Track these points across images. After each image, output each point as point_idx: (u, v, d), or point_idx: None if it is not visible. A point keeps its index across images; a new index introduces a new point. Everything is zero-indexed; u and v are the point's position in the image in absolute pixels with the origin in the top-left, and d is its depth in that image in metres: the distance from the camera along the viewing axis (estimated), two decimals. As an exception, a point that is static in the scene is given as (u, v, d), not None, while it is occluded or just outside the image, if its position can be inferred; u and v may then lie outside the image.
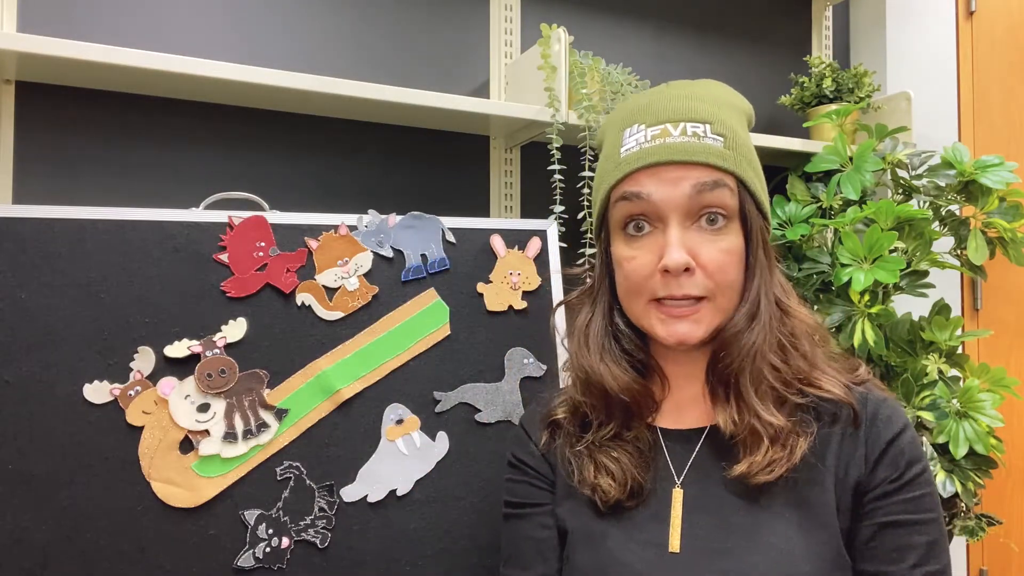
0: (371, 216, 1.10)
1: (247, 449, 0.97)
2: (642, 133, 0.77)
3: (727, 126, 0.77)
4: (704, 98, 0.79)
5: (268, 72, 1.18)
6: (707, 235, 0.74)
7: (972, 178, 1.42)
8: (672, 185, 0.74)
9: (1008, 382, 1.43)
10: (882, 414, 0.76)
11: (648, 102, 0.80)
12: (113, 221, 0.98)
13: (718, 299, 0.75)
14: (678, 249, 0.72)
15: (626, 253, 0.77)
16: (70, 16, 1.21)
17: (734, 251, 0.75)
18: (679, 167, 0.74)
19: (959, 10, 1.94)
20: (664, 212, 0.74)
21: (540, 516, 0.84)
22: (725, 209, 0.74)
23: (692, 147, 0.74)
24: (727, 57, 1.84)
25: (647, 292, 0.75)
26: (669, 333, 0.75)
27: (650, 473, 0.78)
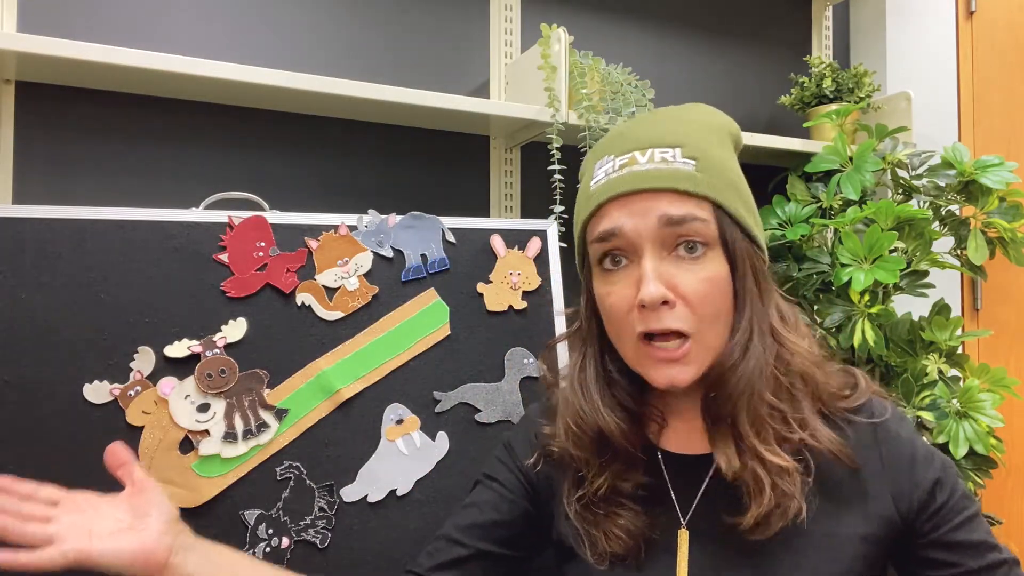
0: (371, 216, 1.10)
1: (247, 449, 0.97)
2: (610, 163, 0.74)
3: (700, 149, 0.72)
4: (679, 121, 0.76)
5: (268, 72, 1.18)
6: (685, 264, 0.70)
7: (972, 178, 1.42)
8: (641, 216, 0.70)
9: (1008, 382, 1.43)
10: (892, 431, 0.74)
11: (621, 131, 0.77)
12: (113, 221, 0.98)
13: (705, 335, 0.71)
14: (654, 282, 0.68)
15: (604, 289, 0.74)
16: (70, 16, 1.21)
17: (716, 280, 0.71)
18: (646, 196, 0.70)
19: (959, 10, 1.94)
20: (637, 244, 0.70)
21: (499, 497, 0.84)
22: (701, 236, 0.70)
23: (659, 173, 0.71)
24: (727, 57, 1.84)
25: (629, 328, 0.72)
26: (661, 376, 0.71)
27: (654, 512, 0.75)
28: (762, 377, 0.71)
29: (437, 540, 0.84)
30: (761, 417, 0.70)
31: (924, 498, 0.71)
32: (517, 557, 0.84)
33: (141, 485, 0.72)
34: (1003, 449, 1.39)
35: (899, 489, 0.72)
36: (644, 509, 0.75)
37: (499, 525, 0.82)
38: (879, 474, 0.73)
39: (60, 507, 0.68)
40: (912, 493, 0.71)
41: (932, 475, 0.72)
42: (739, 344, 0.71)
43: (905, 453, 0.73)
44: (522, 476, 0.85)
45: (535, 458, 0.83)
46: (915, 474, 0.72)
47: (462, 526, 0.82)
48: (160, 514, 0.70)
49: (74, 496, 0.70)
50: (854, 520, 0.71)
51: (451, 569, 0.81)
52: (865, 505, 0.72)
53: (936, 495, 0.71)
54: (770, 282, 0.76)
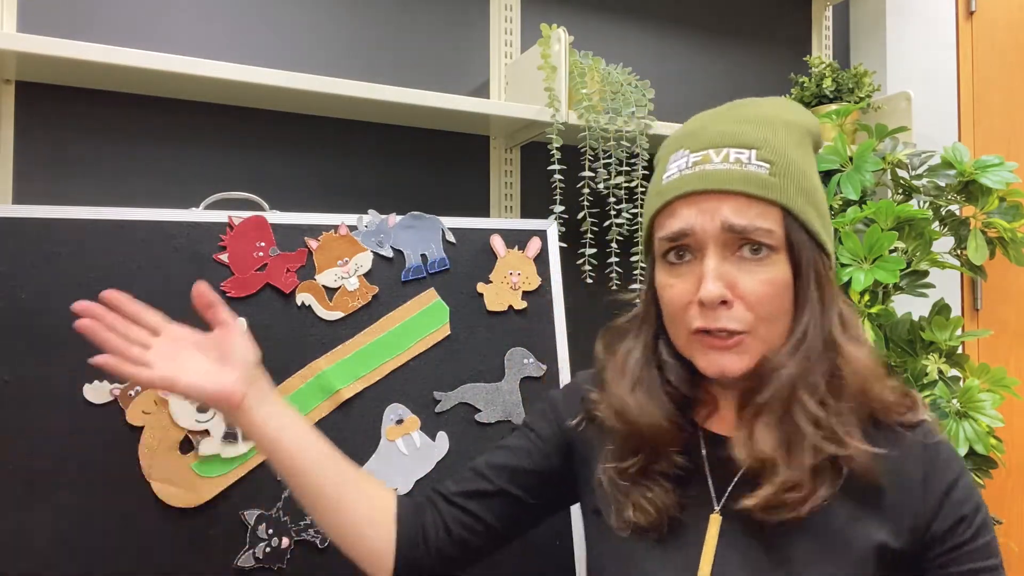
0: (371, 216, 1.10)
1: (247, 449, 0.97)
2: (684, 159, 0.74)
3: (777, 151, 0.72)
4: (757, 120, 0.74)
5: (268, 72, 1.18)
6: (748, 265, 0.70)
7: (972, 178, 1.42)
8: (708, 215, 0.70)
9: (1008, 382, 1.43)
10: (942, 457, 0.73)
11: (698, 126, 0.77)
12: (113, 221, 0.98)
13: (760, 331, 0.71)
14: (714, 281, 0.69)
15: (666, 281, 0.74)
16: (70, 16, 1.21)
17: (777, 282, 0.71)
18: (716, 196, 0.70)
19: (959, 10, 1.94)
20: (702, 242, 0.71)
21: (532, 446, 0.86)
22: (767, 240, 0.70)
23: (731, 175, 0.70)
24: (727, 57, 1.84)
25: (684, 323, 0.73)
26: (711, 364, 0.72)
27: (688, 494, 0.76)
28: (806, 382, 0.71)
29: (467, 470, 0.87)
30: (791, 420, 0.70)
31: (945, 529, 0.71)
32: (535, 505, 0.86)
33: (227, 328, 0.81)
34: (1003, 449, 1.39)
35: (926, 511, 0.71)
36: (677, 488, 0.76)
37: (527, 472, 0.85)
38: (914, 492, 0.72)
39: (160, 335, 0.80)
40: (935, 520, 0.71)
41: (961, 511, 0.71)
42: (790, 347, 0.72)
43: (946, 480, 0.72)
44: (560, 433, 0.87)
45: (578, 420, 0.85)
46: (946, 503, 0.71)
47: (493, 464, 0.86)
48: (240, 359, 0.80)
49: (172, 328, 0.81)
50: (877, 527, 0.71)
51: (473, 499, 0.84)
52: (892, 517, 0.71)
53: (957, 532, 0.71)
54: (834, 288, 0.75)
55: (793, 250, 0.71)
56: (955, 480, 0.72)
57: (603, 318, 0.88)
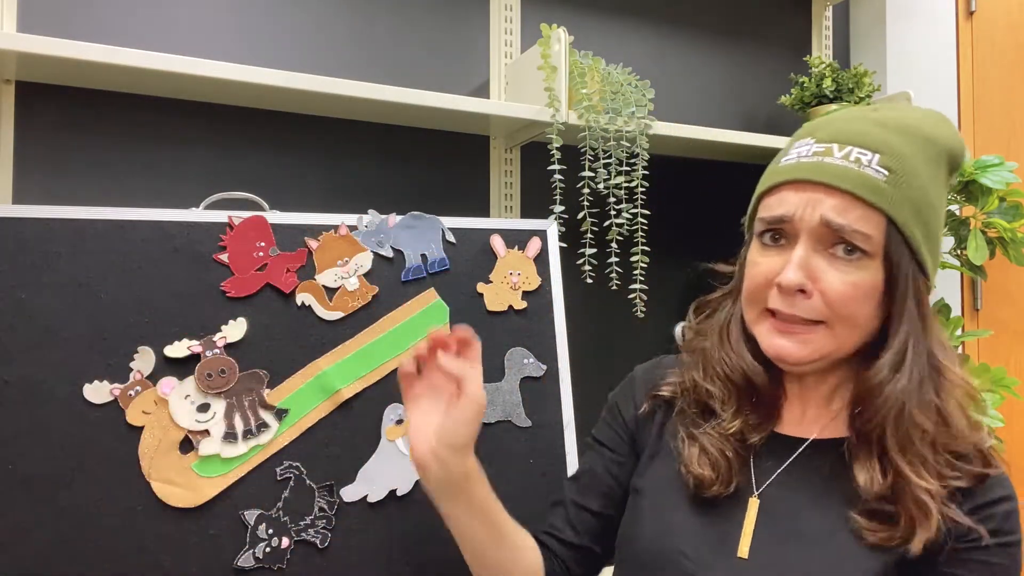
0: (371, 216, 1.10)
1: (247, 449, 0.97)
2: (807, 147, 0.74)
3: (901, 160, 0.71)
4: (894, 126, 0.73)
5: (268, 72, 1.18)
6: (838, 263, 0.71)
7: (972, 178, 1.42)
8: (810, 206, 0.71)
9: (1008, 382, 1.43)
10: (989, 482, 0.72)
11: (833, 118, 0.78)
12: (113, 221, 0.98)
13: (834, 327, 0.72)
14: (795, 269, 0.70)
15: (755, 259, 0.76)
16: (70, 16, 1.21)
17: (863, 286, 0.70)
18: (823, 189, 0.71)
19: (959, 10, 1.94)
20: (797, 230, 0.72)
21: (610, 461, 0.89)
22: (862, 244, 0.70)
23: (845, 173, 0.70)
24: (727, 57, 1.84)
25: (760, 301, 0.75)
26: (771, 345, 0.74)
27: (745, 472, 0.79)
28: (918, 402, 0.71)
29: (564, 507, 0.90)
30: (911, 439, 0.70)
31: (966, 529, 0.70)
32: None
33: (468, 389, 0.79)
34: (1003, 449, 1.38)
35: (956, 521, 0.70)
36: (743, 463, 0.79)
37: (617, 489, 0.89)
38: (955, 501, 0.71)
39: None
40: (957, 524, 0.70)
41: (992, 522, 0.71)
42: (890, 361, 0.71)
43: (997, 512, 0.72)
44: (626, 433, 0.90)
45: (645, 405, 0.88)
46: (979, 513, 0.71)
47: (586, 492, 0.90)
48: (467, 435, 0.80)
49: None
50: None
51: (586, 536, 0.88)
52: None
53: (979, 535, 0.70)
54: (932, 311, 0.75)
55: (890, 260, 0.71)
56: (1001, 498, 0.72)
57: (603, 318, 0.88)
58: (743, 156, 1.70)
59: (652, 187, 1.43)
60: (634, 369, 0.95)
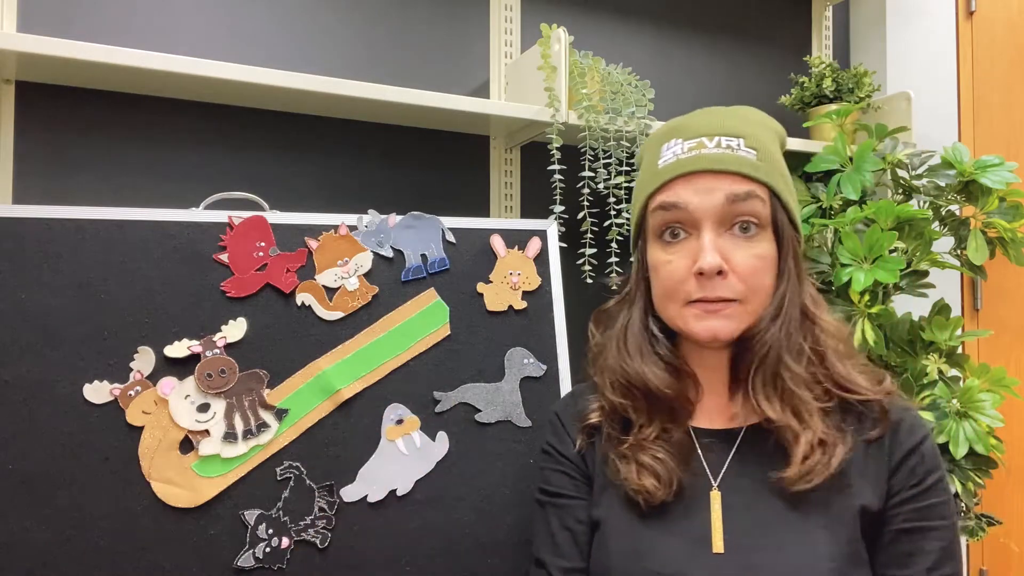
0: (371, 216, 1.10)
1: (247, 449, 0.97)
2: (679, 146, 0.81)
3: (760, 142, 0.80)
4: (739, 117, 0.83)
5: (268, 72, 1.18)
6: (740, 241, 0.77)
7: (972, 178, 1.42)
8: (707, 193, 0.77)
9: (1008, 382, 1.43)
10: (905, 423, 0.79)
11: (685, 121, 0.84)
12: (113, 221, 0.98)
13: (750, 301, 0.78)
14: (712, 252, 0.76)
15: (662, 258, 0.80)
16: (70, 16, 1.21)
17: (766, 257, 0.78)
18: (713, 176, 0.78)
19: (959, 10, 1.94)
20: (699, 219, 0.77)
21: (576, 509, 0.86)
22: (757, 218, 0.78)
23: (726, 158, 0.78)
24: (727, 57, 1.84)
25: (682, 295, 0.78)
26: (704, 328, 0.78)
27: (689, 471, 0.80)
28: (787, 346, 0.78)
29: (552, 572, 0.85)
30: (780, 382, 0.77)
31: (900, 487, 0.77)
32: None
33: None
34: (1003, 449, 1.39)
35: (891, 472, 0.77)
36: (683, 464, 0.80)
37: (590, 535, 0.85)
38: (883, 456, 0.78)
39: None
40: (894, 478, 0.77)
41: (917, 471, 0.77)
42: (770, 313, 0.79)
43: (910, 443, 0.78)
44: (577, 471, 0.88)
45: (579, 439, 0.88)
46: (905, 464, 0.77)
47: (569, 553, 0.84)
48: None
49: None
50: (861, 491, 0.76)
51: None
52: (871, 480, 0.77)
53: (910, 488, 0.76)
54: (804, 266, 0.83)
55: (777, 228, 0.80)
56: (918, 443, 0.78)
57: (603, 318, 0.89)
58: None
59: (652, 187, 1.43)
60: (554, 409, 0.95)
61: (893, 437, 0.78)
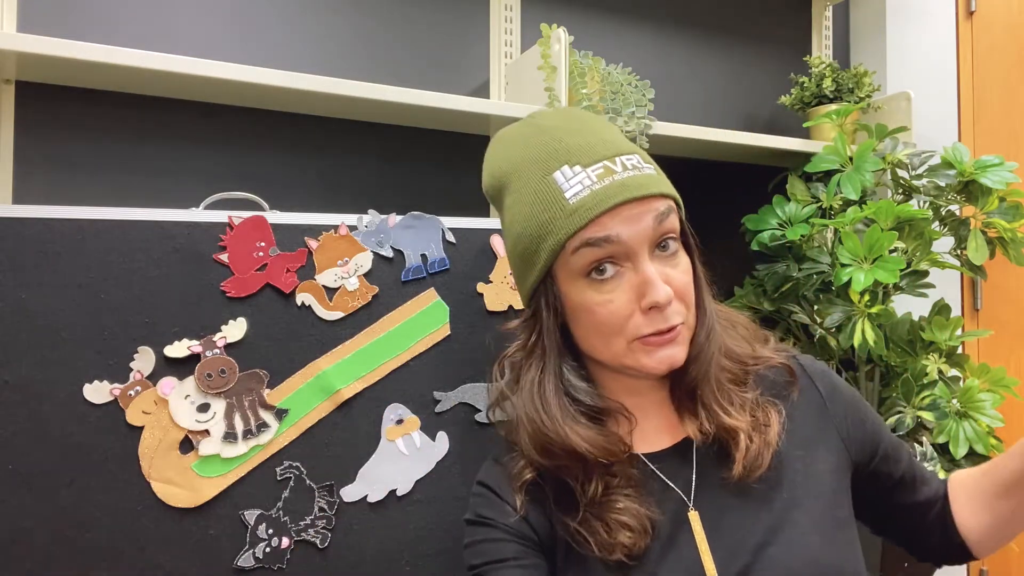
0: (371, 216, 1.10)
1: (247, 449, 0.97)
2: (583, 175, 0.73)
3: (641, 152, 0.78)
4: (608, 130, 0.79)
5: (268, 72, 1.18)
6: (667, 261, 0.75)
7: (972, 178, 1.42)
8: (636, 222, 0.72)
9: (1008, 382, 1.43)
10: (812, 373, 0.84)
11: (559, 145, 0.76)
12: (113, 221, 0.98)
13: (689, 318, 0.76)
14: (661, 284, 0.72)
15: (597, 299, 0.73)
16: (70, 16, 1.21)
17: (688, 270, 0.77)
18: (634, 203, 0.72)
19: (959, 10, 1.94)
20: (634, 250, 0.72)
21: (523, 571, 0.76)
22: (674, 233, 0.75)
23: (642, 180, 0.73)
24: (727, 57, 1.84)
25: (629, 333, 0.73)
26: (658, 360, 0.74)
27: (654, 502, 0.75)
28: (720, 348, 0.79)
29: None
30: (722, 383, 0.78)
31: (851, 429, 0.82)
32: None
33: None
34: (1003, 449, 1.38)
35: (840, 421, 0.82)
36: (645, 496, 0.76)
37: None
38: (824, 410, 0.82)
39: None
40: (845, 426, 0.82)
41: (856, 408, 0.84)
42: (707, 323, 0.79)
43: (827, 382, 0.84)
44: (519, 537, 0.78)
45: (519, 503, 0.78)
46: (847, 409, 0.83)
47: None
48: None
49: None
50: (822, 456, 0.79)
51: None
52: (826, 440, 0.80)
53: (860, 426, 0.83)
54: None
55: (686, 238, 0.79)
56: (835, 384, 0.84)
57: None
58: (743, 156, 1.70)
59: (652, 187, 1.43)
60: (479, 482, 0.84)
61: (812, 392, 0.82)
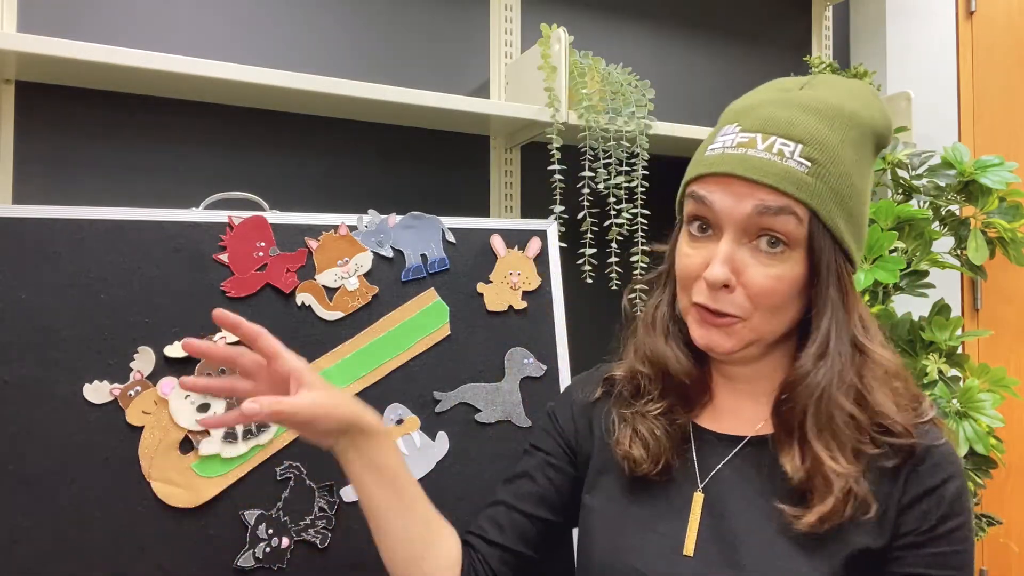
0: (371, 216, 1.10)
1: (247, 449, 0.97)
2: (732, 136, 0.73)
3: (825, 149, 0.71)
4: (818, 110, 0.73)
5: (268, 72, 1.18)
6: (761, 256, 0.71)
7: (972, 178, 1.42)
8: (736, 199, 0.71)
9: (1008, 382, 1.43)
10: (931, 459, 0.72)
11: (755, 103, 0.76)
12: (113, 221, 0.98)
13: (756, 321, 0.72)
14: (721, 265, 0.71)
15: (684, 250, 0.77)
16: (70, 16, 1.21)
17: (786, 279, 0.71)
18: (746, 184, 0.70)
19: (959, 10, 1.94)
20: (722, 222, 0.72)
21: (545, 464, 0.89)
22: (788, 236, 0.70)
23: (768, 166, 0.70)
24: (727, 57, 1.84)
25: (691, 294, 0.76)
26: (701, 336, 0.75)
27: (678, 464, 0.80)
28: (838, 385, 0.71)
29: (495, 507, 0.89)
30: (834, 424, 0.71)
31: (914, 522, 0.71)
32: (564, 521, 0.89)
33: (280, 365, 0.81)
34: (1003, 449, 1.39)
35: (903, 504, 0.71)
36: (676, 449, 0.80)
37: (551, 494, 0.88)
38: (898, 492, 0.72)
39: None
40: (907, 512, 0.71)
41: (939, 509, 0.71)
42: (814, 352, 0.72)
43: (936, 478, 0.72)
44: (564, 443, 0.90)
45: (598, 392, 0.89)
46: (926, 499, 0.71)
47: (520, 495, 0.88)
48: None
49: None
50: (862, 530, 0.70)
51: (510, 537, 0.86)
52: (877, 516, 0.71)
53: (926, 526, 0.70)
54: (856, 293, 0.75)
55: (814, 252, 0.71)
56: (939, 485, 0.71)
57: (603, 318, 0.89)
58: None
59: (652, 187, 1.43)
60: (573, 382, 0.97)
61: (912, 471, 0.71)
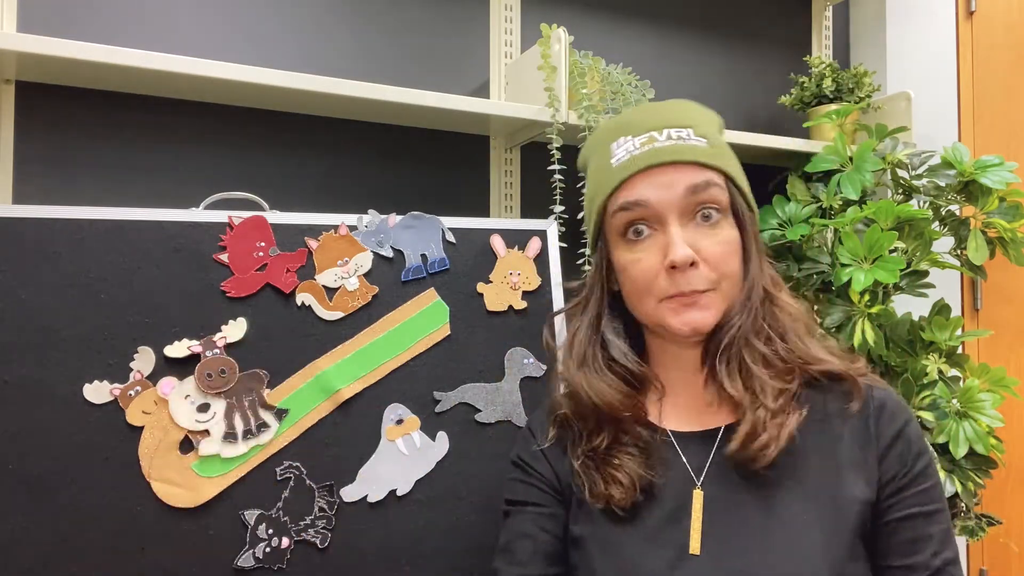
0: (371, 216, 1.10)
1: (247, 449, 0.97)
2: (630, 143, 0.80)
3: (707, 129, 0.81)
4: (680, 108, 0.84)
5: (268, 72, 1.18)
6: (704, 230, 0.77)
7: (972, 178, 1.42)
8: (666, 188, 0.77)
9: (1008, 382, 1.43)
10: (888, 407, 0.78)
11: (629, 119, 0.84)
12: (113, 221, 0.98)
13: (722, 288, 0.78)
14: (682, 245, 0.75)
15: (630, 257, 0.79)
16: (70, 16, 1.21)
17: (731, 242, 0.78)
18: (671, 169, 0.77)
19: (959, 10, 1.94)
20: (662, 214, 0.77)
21: (538, 517, 0.85)
22: (718, 204, 0.78)
23: (680, 149, 0.78)
24: (727, 57, 1.84)
25: (656, 292, 0.78)
26: (682, 322, 0.77)
27: (664, 474, 0.79)
28: (753, 327, 0.78)
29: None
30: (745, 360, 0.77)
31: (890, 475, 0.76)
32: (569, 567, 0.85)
33: None
34: (1003, 449, 1.39)
35: (880, 459, 0.76)
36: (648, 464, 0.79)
37: (555, 545, 0.84)
38: (870, 442, 0.77)
39: None
40: (883, 466, 0.76)
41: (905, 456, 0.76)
42: (742, 301, 0.79)
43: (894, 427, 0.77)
44: (548, 486, 0.86)
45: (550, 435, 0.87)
46: (892, 450, 0.76)
47: (524, 560, 0.83)
48: None
49: None
50: (855, 483, 0.75)
51: None
52: (863, 470, 0.76)
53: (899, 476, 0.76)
54: (763, 245, 0.84)
55: (737, 212, 0.80)
56: (902, 428, 0.78)
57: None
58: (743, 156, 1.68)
59: (652, 187, 1.43)
60: (527, 423, 0.95)
61: (877, 422, 0.77)
